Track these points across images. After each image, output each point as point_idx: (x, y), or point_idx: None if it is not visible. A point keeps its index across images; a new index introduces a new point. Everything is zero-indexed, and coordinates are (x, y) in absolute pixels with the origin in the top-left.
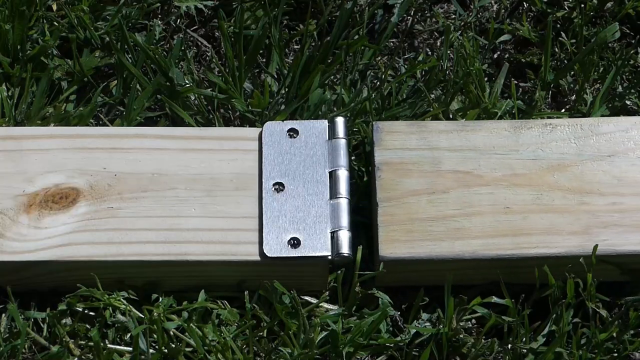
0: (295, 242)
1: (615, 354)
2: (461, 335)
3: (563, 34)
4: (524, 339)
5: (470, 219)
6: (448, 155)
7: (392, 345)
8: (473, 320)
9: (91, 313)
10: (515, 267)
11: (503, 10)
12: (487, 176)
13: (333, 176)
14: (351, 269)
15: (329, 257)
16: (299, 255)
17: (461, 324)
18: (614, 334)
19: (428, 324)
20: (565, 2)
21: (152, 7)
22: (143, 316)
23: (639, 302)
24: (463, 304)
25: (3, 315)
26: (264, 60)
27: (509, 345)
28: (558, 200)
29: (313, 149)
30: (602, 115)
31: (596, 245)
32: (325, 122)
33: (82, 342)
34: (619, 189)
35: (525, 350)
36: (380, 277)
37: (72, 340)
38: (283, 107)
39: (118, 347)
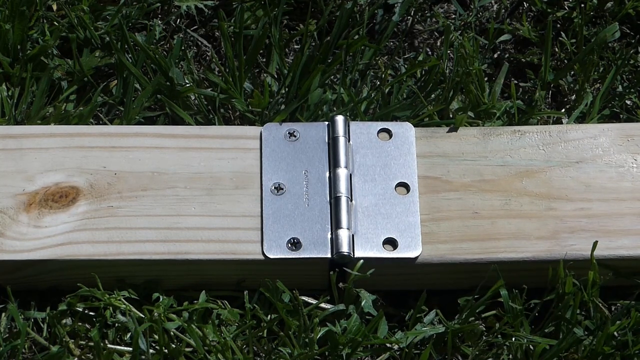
0: (295, 243)
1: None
2: (475, 330)
3: (563, 34)
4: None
5: (439, 224)
6: (417, 161)
7: (391, 345)
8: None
9: (91, 313)
10: (484, 271)
11: (503, 10)
12: (456, 182)
13: (333, 175)
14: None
15: (329, 257)
16: (299, 256)
17: (471, 318)
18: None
19: (427, 328)
20: (565, 2)
21: (152, 7)
22: (143, 316)
23: None
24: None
25: (3, 315)
26: (264, 60)
27: (513, 339)
28: (526, 205)
29: (312, 150)
30: (601, 116)
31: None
32: (325, 124)
33: (82, 342)
34: (587, 194)
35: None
36: (357, 280)
37: (72, 340)
38: (283, 107)
39: (118, 347)
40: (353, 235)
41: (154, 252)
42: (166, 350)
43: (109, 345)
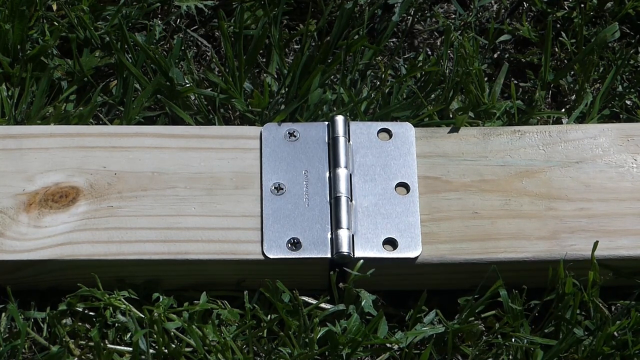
0: (295, 243)
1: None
2: (474, 330)
3: (563, 34)
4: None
5: (439, 224)
6: (417, 161)
7: (391, 345)
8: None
9: (91, 313)
10: (484, 271)
11: (503, 10)
12: (456, 182)
13: (333, 175)
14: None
15: (329, 257)
16: (299, 256)
17: (471, 318)
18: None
19: (427, 328)
20: (565, 2)
21: (152, 7)
22: (143, 316)
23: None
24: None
25: (3, 315)
26: (264, 60)
27: (513, 339)
28: (526, 205)
29: (312, 150)
30: (601, 116)
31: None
32: (325, 124)
33: (82, 342)
34: (587, 194)
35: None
36: (357, 280)
37: (72, 340)
38: (283, 107)
39: (118, 347)
40: (353, 235)
41: (154, 252)
42: (166, 351)
43: (109, 345)
